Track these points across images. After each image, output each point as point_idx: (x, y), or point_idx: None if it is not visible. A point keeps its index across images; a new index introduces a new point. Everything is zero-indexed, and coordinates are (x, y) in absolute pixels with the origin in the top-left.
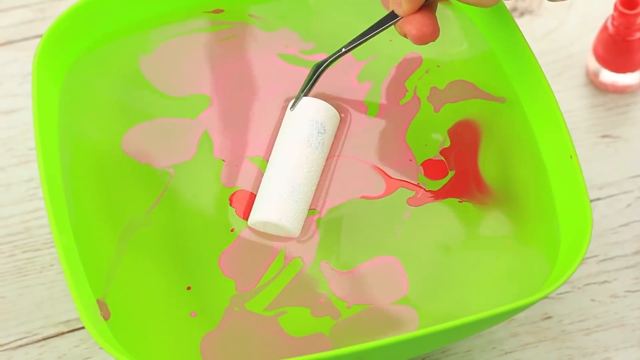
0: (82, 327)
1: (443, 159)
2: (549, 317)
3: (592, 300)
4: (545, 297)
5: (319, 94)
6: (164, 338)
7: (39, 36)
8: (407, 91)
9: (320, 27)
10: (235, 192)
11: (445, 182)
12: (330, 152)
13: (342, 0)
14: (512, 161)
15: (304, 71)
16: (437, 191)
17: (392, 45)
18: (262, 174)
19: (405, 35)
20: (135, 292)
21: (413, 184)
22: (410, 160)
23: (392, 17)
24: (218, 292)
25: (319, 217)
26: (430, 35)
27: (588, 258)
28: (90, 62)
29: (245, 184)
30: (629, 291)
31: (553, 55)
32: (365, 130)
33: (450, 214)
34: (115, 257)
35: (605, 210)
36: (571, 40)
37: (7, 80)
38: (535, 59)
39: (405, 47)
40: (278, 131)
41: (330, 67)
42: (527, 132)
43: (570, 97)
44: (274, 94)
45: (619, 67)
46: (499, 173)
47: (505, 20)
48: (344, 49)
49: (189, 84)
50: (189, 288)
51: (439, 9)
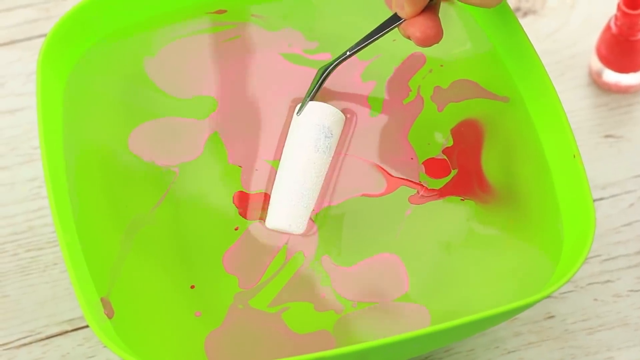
0: (86, 326)
1: (445, 157)
2: (552, 317)
3: (595, 299)
4: (548, 297)
5: (323, 94)
6: (168, 336)
7: (43, 35)
8: (410, 91)
9: (324, 27)
10: (239, 192)
11: (447, 181)
12: (337, 152)
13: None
14: (516, 160)
15: (308, 70)
16: (439, 189)
17: (395, 44)
18: (274, 176)
19: (408, 38)
20: (139, 291)
21: (414, 183)
22: (412, 158)
23: (395, 19)
24: (222, 290)
25: (321, 213)
26: (433, 37)
27: (591, 257)
28: (95, 62)
29: (259, 186)
30: (632, 290)
31: (556, 55)
32: (367, 129)
33: (452, 212)
34: (119, 255)
35: (608, 209)
36: (574, 40)
37: (11, 79)
38: (539, 58)
39: (409, 47)
40: (286, 132)
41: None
42: (530, 132)
43: (573, 97)
44: (279, 94)
45: (622, 67)
46: (502, 172)
47: (508, 20)
48: (348, 52)
49: (194, 85)
50: (192, 287)
51: (443, 8)
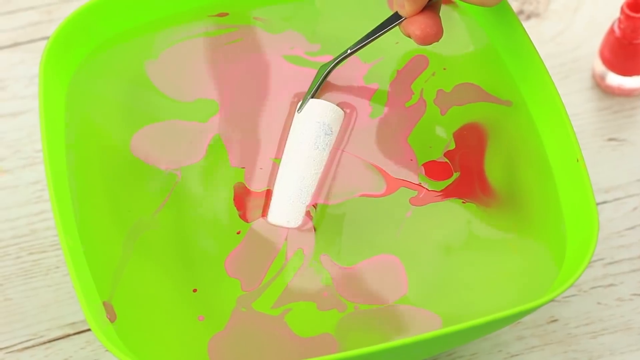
0: (88, 330)
1: (447, 160)
2: (555, 320)
3: (598, 303)
4: (552, 301)
5: (325, 96)
6: (170, 340)
7: (46, 38)
8: (413, 94)
9: (326, 29)
10: (239, 195)
11: (449, 183)
12: (333, 147)
13: (348, 2)
14: (518, 164)
15: (311, 72)
16: (440, 191)
17: (398, 47)
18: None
19: (409, 36)
20: (141, 294)
21: (414, 184)
22: (411, 160)
23: (396, 18)
24: (224, 293)
25: (319, 210)
26: (433, 35)
27: (594, 261)
28: (97, 65)
29: (263, 184)
30: (635, 294)
31: (559, 59)
32: (368, 130)
33: (453, 215)
34: (121, 259)
35: (611, 213)
36: (578, 43)
37: (14, 82)
38: (542, 61)
39: (412, 50)
40: (288, 130)
41: (336, 68)
42: (533, 135)
43: (576, 100)
44: (282, 96)
45: (625, 70)
46: (505, 176)
47: (511, 23)
48: (349, 51)
49: (196, 89)
50: (195, 290)
51: (446, 11)
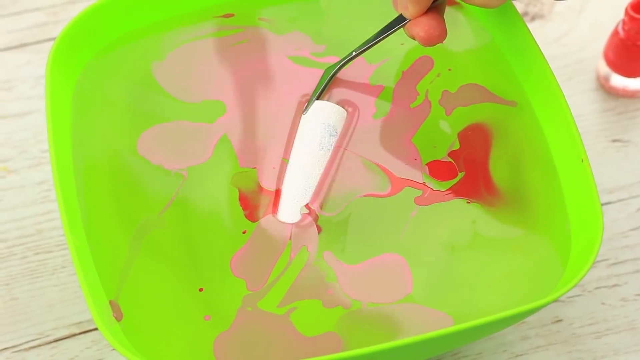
0: (95, 329)
1: (452, 160)
2: (560, 320)
3: (603, 303)
4: (556, 301)
5: (331, 96)
6: (176, 339)
7: (52, 39)
8: (418, 94)
9: (332, 30)
10: (246, 194)
11: (454, 183)
12: (336, 145)
13: (353, 3)
14: (524, 164)
15: (316, 73)
16: (445, 191)
17: (403, 48)
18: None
19: (413, 38)
20: (147, 294)
21: (419, 183)
22: (415, 159)
23: (400, 20)
24: (230, 292)
25: (325, 213)
26: (437, 37)
27: (598, 261)
28: (103, 65)
29: (271, 185)
30: (639, 294)
31: (564, 60)
32: (373, 131)
33: (457, 215)
34: (127, 258)
35: (615, 214)
36: (582, 44)
37: (20, 82)
38: (547, 62)
39: (417, 51)
40: (295, 130)
41: (341, 70)
42: (538, 136)
43: (581, 102)
44: (288, 97)
45: (629, 72)
46: (510, 176)
47: (516, 24)
48: (354, 53)
49: (202, 90)
50: (201, 289)
51: (450, 12)
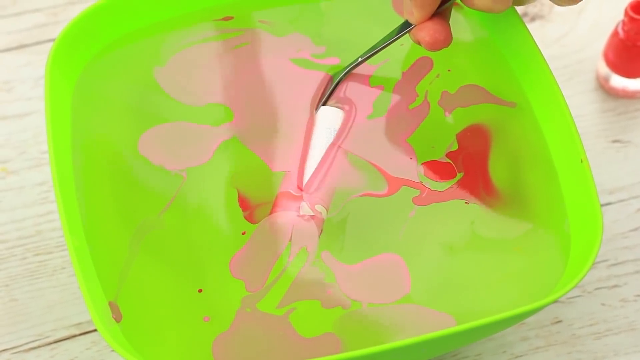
0: (94, 330)
1: (450, 161)
2: (559, 321)
3: (603, 304)
4: (556, 301)
5: (331, 97)
6: (175, 340)
7: (52, 40)
8: (417, 95)
9: (332, 31)
10: (245, 195)
11: (452, 184)
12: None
13: (353, 4)
14: (523, 165)
15: (319, 75)
16: (443, 192)
17: (403, 49)
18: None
19: (419, 43)
20: (146, 294)
21: (415, 182)
22: (411, 158)
23: (406, 25)
24: (229, 294)
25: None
26: (442, 41)
27: (598, 262)
28: (103, 66)
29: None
30: (639, 295)
31: (564, 60)
32: (370, 131)
33: (456, 215)
34: (127, 259)
35: (615, 214)
36: (582, 45)
37: (20, 83)
38: (546, 63)
39: (417, 52)
40: (302, 133)
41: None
42: (537, 137)
43: (580, 102)
44: (291, 99)
45: (629, 72)
46: (509, 177)
47: (516, 25)
48: (360, 59)
49: (205, 94)
50: (200, 290)
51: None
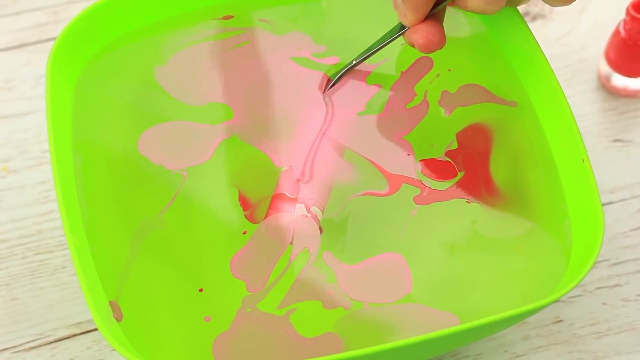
0: (95, 329)
1: (450, 160)
2: (561, 321)
3: (604, 303)
4: (557, 301)
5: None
6: (176, 340)
7: (52, 39)
8: (415, 95)
9: (332, 30)
10: (245, 194)
11: (453, 183)
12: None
13: (354, 3)
14: (524, 165)
15: (318, 74)
16: (444, 191)
17: (403, 49)
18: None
19: (412, 45)
20: (147, 294)
21: (415, 180)
22: (409, 154)
23: (401, 27)
24: (230, 293)
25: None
26: (436, 43)
27: (599, 262)
28: (104, 65)
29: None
30: None
31: (565, 60)
32: (364, 128)
33: (457, 214)
34: (128, 258)
35: (616, 214)
36: (583, 44)
37: (20, 82)
38: (548, 63)
39: (416, 51)
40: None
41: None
42: (539, 136)
43: (582, 101)
44: (293, 98)
45: (630, 72)
46: (510, 176)
47: (517, 25)
48: (354, 61)
49: (206, 93)
50: (201, 290)
51: (450, 13)
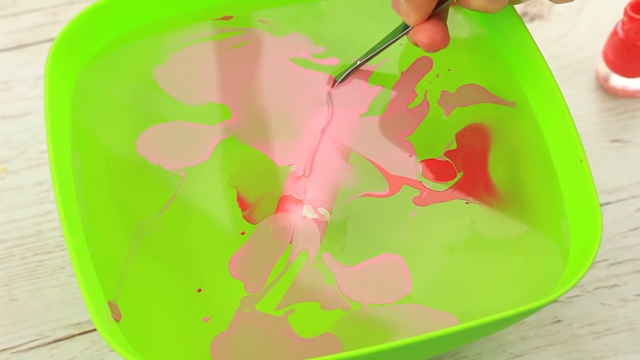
0: (93, 330)
1: (449, 160)
2: (559, 321)
3: (602, 304)
4: (555, 301)
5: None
6: (174, 340)
7: (51, 40)
8: (416, 95)
9: (331, 31)
10: (244, 194)
11: (452, 184)
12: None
13: (352, 3)
14: (522, 165)
15: (318, 75)
16: (443, 192)
17: (403, 49)
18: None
19: (416, 44)
20: (146, 294)
21: (416, 182)
22: (410, 156)
23: (404, 27)
24: (228, 294)
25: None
26: (440, 42)
27: (598, 262)
28: (103, 65)
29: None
30: (638, 295)
31: (563, 60)
32: (367, 129)
33: (456, 215)
34: (126, 259)
35: (614, 214)
36: (581, 45)
37: (19, 83)
38: (546, 63)
39: (416, 52)
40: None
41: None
42: (537, 136)
43: (580, 102)
44: (292, 98)
45: (629, 72)
46: (509, 177)
47: (515, 25)
48: (358, 62)
49: (204, 93)
50: (199, 290)
51: (449, 13)
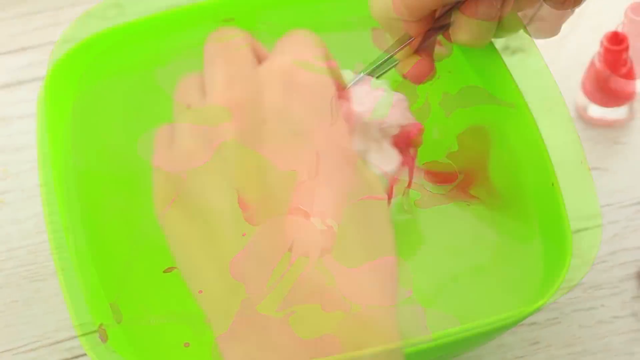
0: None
1: (450, 162)
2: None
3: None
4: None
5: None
6: (175, 342)
7: (53, 42)
8: (418, 97)
9: (332, 33)
10: (245, 196)
11: (453, 186)
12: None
13: (353, 5)
14: (522, 167)
15: (321, 78)
16: (445, 194)
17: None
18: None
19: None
20: (147, 296)
21: (417, 184)
22: (412, 158)
23: (403, 39)
24: (229, 296)
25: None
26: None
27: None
28: (104, 68)
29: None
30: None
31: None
32: (369, 132)
33: (457, 217)
34: (127, 260)
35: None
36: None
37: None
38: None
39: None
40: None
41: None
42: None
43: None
44: (295, 102)
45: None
46: (509, 179)
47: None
48: (362, 74)
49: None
50: (200, 292)
51: None
